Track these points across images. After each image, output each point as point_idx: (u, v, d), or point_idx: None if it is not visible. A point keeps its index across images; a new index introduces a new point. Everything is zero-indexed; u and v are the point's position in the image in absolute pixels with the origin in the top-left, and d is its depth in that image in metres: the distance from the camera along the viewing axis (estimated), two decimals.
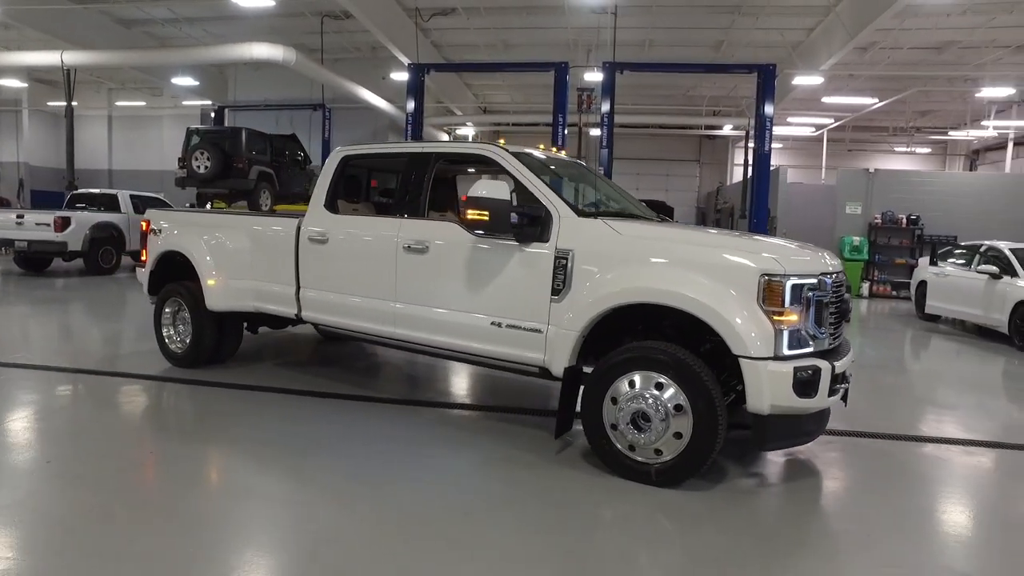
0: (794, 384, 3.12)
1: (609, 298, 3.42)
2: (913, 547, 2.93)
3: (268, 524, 2.92)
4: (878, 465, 3.95)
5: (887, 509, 3.31)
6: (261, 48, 13.07)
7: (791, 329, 3.18)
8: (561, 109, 13.43)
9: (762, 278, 3.16)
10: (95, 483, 3.24)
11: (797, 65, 15.22)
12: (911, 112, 21.42)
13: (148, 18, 15.80)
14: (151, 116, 24.27)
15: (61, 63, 14.90)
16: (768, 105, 12.69)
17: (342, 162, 4.88)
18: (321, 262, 4.76)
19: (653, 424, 3.28)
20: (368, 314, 4.49)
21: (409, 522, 2.93)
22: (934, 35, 14.85)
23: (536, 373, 3.82)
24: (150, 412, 4.59)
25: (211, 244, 5.39)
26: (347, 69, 17.74)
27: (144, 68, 17.16)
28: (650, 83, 19.85)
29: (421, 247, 4.17)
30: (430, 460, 3.66)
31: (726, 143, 26.19)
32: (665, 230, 3.74)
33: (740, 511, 3.19)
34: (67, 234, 12.63)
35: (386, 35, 14.28)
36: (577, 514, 3.10)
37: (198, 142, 12.88)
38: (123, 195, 14.32)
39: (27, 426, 4.07)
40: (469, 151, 4.32)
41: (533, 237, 3.72)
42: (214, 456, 3.72)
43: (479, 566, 2.60)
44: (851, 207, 15.14)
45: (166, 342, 5.69)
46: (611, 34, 14.22)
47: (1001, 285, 8.74)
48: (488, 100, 24.92)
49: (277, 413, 4.44)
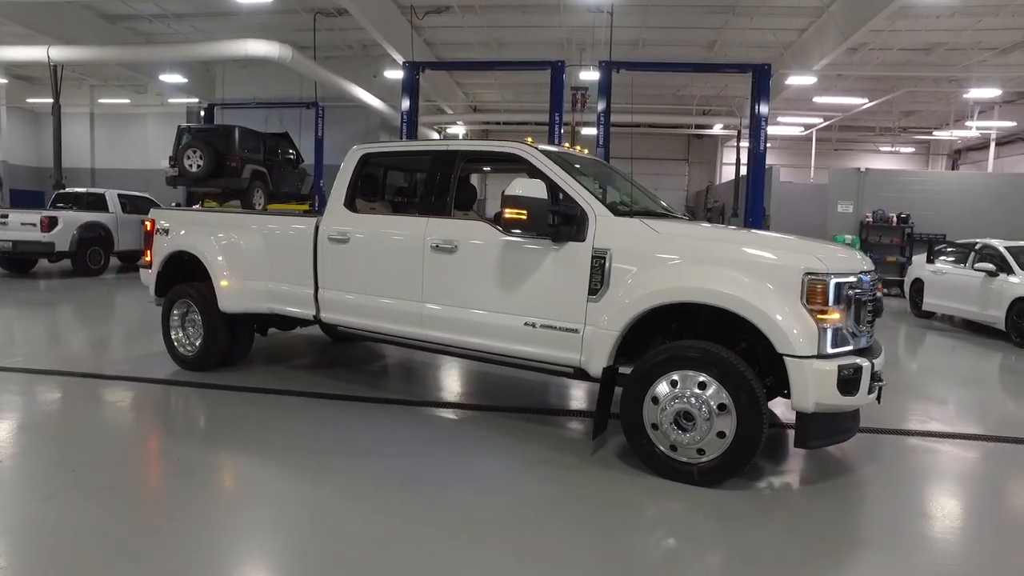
0: (838, 382, 3.12)
1: (651, 297, 3.39)
2: (967, 545, 2.94)
3: (320, 531, 2.85)
4: (907, 462, 3.98)
5: (925, 507, 3.32)
6: (257, 45, 12.87)
7: (834, 327, 3.18)
8: (557, 108, 13.42)
9: (806, 277, 3.16)
10: (126, 492, 3.14)
11: (789, 65, 15.36)
12: (897, 112, 21.74)
13: (134, 13, 15.49)
14: (135, 114, 23.83)
15: (48, 59, 14.54)
16: (763, 104, 12.80)
17: (361, 160, 4.81)
18: (342, 262, 4.68)
19: (697, 424, 3.27)
20: (392, 315, 4.42)
21: (461, 525, 2.88)
22: (923, 36, 15.08)
23: (570, 374, 3.78)
24: (171, 418, 4.48)
25: (223, 244, 5.28)
26: (337, 67, 17.56)
27: (133, 65, 16.85)
28: (640, 82, 19.84)
29: (450, 246, 4.11)
30: (470, 463, 3.61)
31: (715, 142, 26.40)
32: (703, 229, 3.73)
33: (783, 509, 3.19)
34: (54, 234, 12.32)
35: (381, 33, 14.15)
36: (622, 514, 3.07)
37: (190, 140, 12.66)
38: (111, 194, 14.02)
39: (45, 433, 3.94)
40: (498, 150, 4.26)
41: (569, 236, 3.69)
42: (251, 463, 3.62)
43: (532, 567, 2.56)
44: (843, 206, 15.32)
45: (175, 345, 5.56)
46: (605, 33, 14.23)
47: (997, 282, 8.89)
48: (478, 99, 24.84)
49: (305, 417, 4.35)
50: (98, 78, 22.09)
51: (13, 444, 3.72)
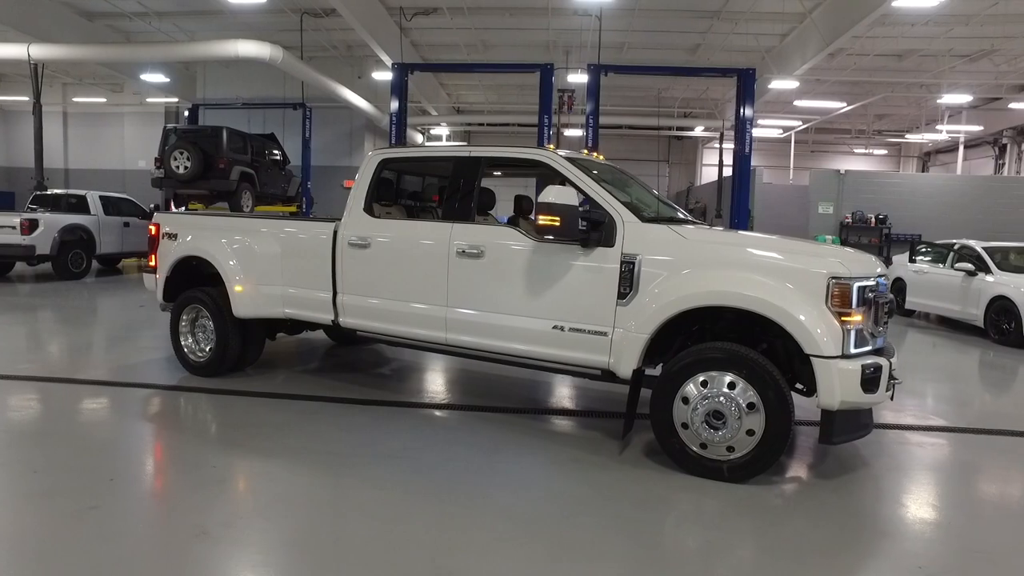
0: (862, 381, 3.28)
1: (681, 301, 3.51)
2: (987, 532, 3.11)
3: (369, 538, 2.90)
4: (920, 456, 4.17)
5: (948, 497, 3.50)
6: (247, 46, 12.72)
7: (856, 329, 3.33)
8: (546, 110, 13.57)
9: (831, 280, 3.30)
10: (170, 500, 3.16)
11: (771, 69, 15.71)
12: (871, 116, 22.36)
13: (115, 11, 15.18)
14: (111, 113, 23.31)
15: (28, 57, 14.17)
16: (748, 108, 13.11)
17: (380, 165, 4.85)
18: (362, 267, 4.71)
19: (728, 422, 3.39)
20: (416, 320, 4.47)
21: (501, 526, 2.96)
22: (898, 43, 15.56)
23: (598, 376, 3.88)
24: (191, 424, 4.46)
25: (236, 249, 5.26)
26: (322, 68, 17.41)
27: (116, 64, 16.50)
28: (623, 84, 20.16)
29: (476, 251, 4.18)
30: (502, 465, 3.68)
31: (695, 144, 26.81)
32: (728, 235, 3.86)
33: (813, 502, 3.33)
34: (35, 237, 12.03)
35: (369, 34, 14.11)
36: (656, 511, 3.18)
37: (176, 141, 12.47)
38: (92, 196, 13.72)
39: (73, 442, 3.91)
40: (522, 156, 4.34)
41: (597, 242, 3.78)
42: (289, 470, 3.63)
43: (572, 565, 2.65)
44: (823, 207, 15.74)
45: (184, 351, 5.52)
46: (590, 36, 14.42)
47: (976, 282, 9.25)
48: (462, 100, 24.87)
49: (331, 422, 4.37)
50: (72, 76, 21.56)
51: (38, 455, 3.69)
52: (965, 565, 2.78)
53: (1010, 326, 8.51)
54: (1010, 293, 8.56)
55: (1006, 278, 8.87)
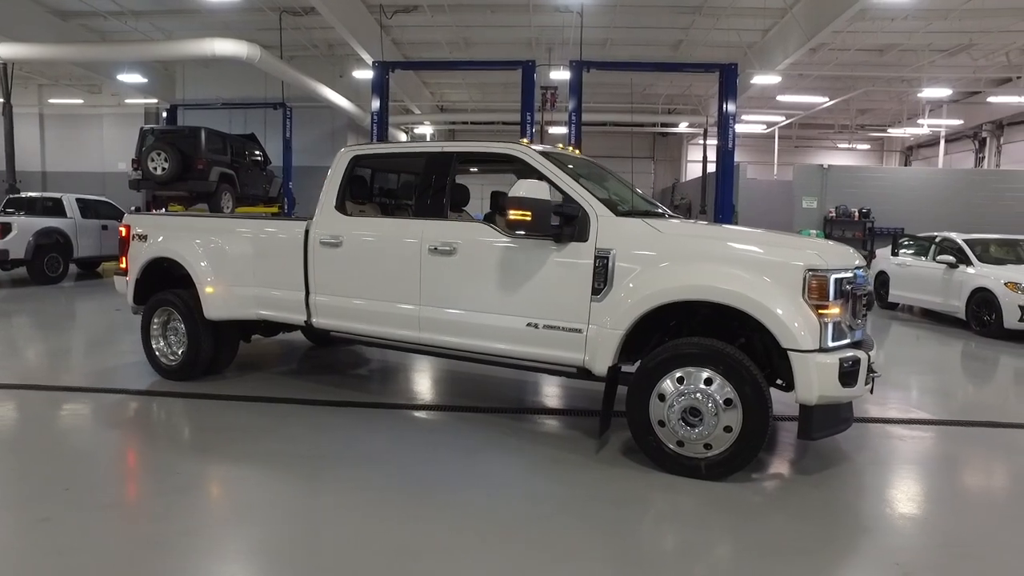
0: (840, 375, 3.22)
1: (656, 296, 3.44)
2: (968, 527, 3.07)
3: (337, 542, 2.80)
4: (894, 448, 4.13)
5: (926, 491, 3.46)
6: (224, 44, 12.51)
7: (834, 322, 3.28)
8: (528, 107, 13.47)
9: (808, 273, 3.24)
10: (122, 510, 3.04)
11: (753, 65, 15.73)
12: (854, 111, 22.49)
13: (89, 10, 14.90)
14: (89, 115, 22.94)
15: None
16: (730, 103, 13.09)
17: (352, 162, 4.74)
18: (334, 266, 4.61)
19: (704, 419, 3.33)
20: (389, 319, 4.38)
21: (477, 528, 2.88)
22: (878, 38, 15.63)
23: (573, 374, 3.81)
24: (161, 430, 4.34)
25: (207, 250, 5.14)
26: (303, 67, 17.22)
27: (90, 64, 16.21)
28: (607, 81, 20.09)
29: (448, 249, 4.09)
30: (479, 466, 3.60)
31: (680, 140, 26.86)
32: (703, 228, 3.80)
33: (792, 499, 3.27)
34: (8, 241, 11.78)
35: (350, 32, 13.95)
36: (634, 510, 3.12)
37: (154, 142, 12.26)
38: (68, 199, 13.46)
39: (29, 450, 3.78)
40: (495, 151, 4.25)
41: (570, 237, 3.71)
42: (259, 474, 3.53)
43: (550, 565, 2.58)
44: (807, 201, 15.79)
45: (156, 355, 5.38)
46: (573, 33, 14.36)
47: (958, 274, 9.28)
48: (445, 98, 24.73)
49: (306, 425, 4.26)
50: (47, 77, 21.19)
51: None
52: (943, 561, 2.73)
53: (991, 317, 8.54)
54: (990, 285, 8.59)
55: (986, 270, 8.91)
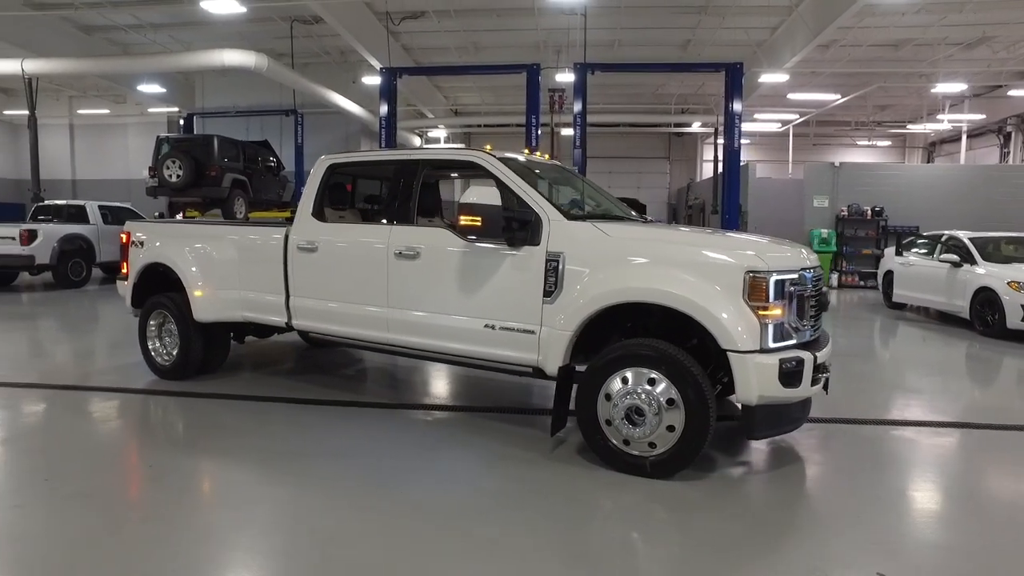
0: (780, 375, 3.27)
1: (600, 298, 3.54)
2: (896, 525, 3.10)
3: (284, 528, 2.97)
4: (857, 450, 4.15)
5: (870, 491, 3.49)
6: (233, 55, 12.90)
7: (775, 323, 3.33)
8: (533, 110, 13.57)
9: (747, 275, 3.31)
10: (97, 499, 3.25)
11: (762, 63, 15.61)
12: (871, 107, 22.10)
13: (111, 24, 15.47)
14: (115, 124, 23.74)
15: (22, 72, 14.50)
16: (736, 102, 13.01)
17: (328, 170, 4.92)
18: (311, 271, 4.80)
19: (647, 418, 3.41)
20: (360, 320, 4.55)
21: (423, 518, 3.01)
22: (891, 33, 15.37)
23: (530, 373, 3.92)
24: (148, 426, 4.57)
25: (196, 255, 5.38)
26: (317, 74, 17.62)
27: (110, 76, 16.81)
28: (619, 82, 20.14)
29: (412, 253, 4.24)
30: (436, 462, 3.73)
31: (695, 140, 26.68)
32: (651, 230, 3.88)
33: (734, 498, 3.34)
34: (34, 247, 12.34)
35: (357, 39, 14.24)
36: (578, 507, 3.21)
37: (169, 151, 12.69)
38: (91, 206, 14.04)
39: (20, 445, 4.03)
40: (456, 158, 4.40)
41: (524, 241, 3.83)
42: (224, 467, 3.74)
43: (489, 560, 2.70)
44: (818, 200, 15.59)
45: (152, 355, 5.65)
46: (580, 35, 14.40)
47: (962, 273, 9.13)
48: (459, 102, 24.96)
49: (281, 422, 4.47)
50: (77, 89, 22.00)
51: None
52: (864, 560, 2.77)
53: (994, 317, 8.39)
54: (994, 284, 8.44)
55: (990, 269, 8.75)
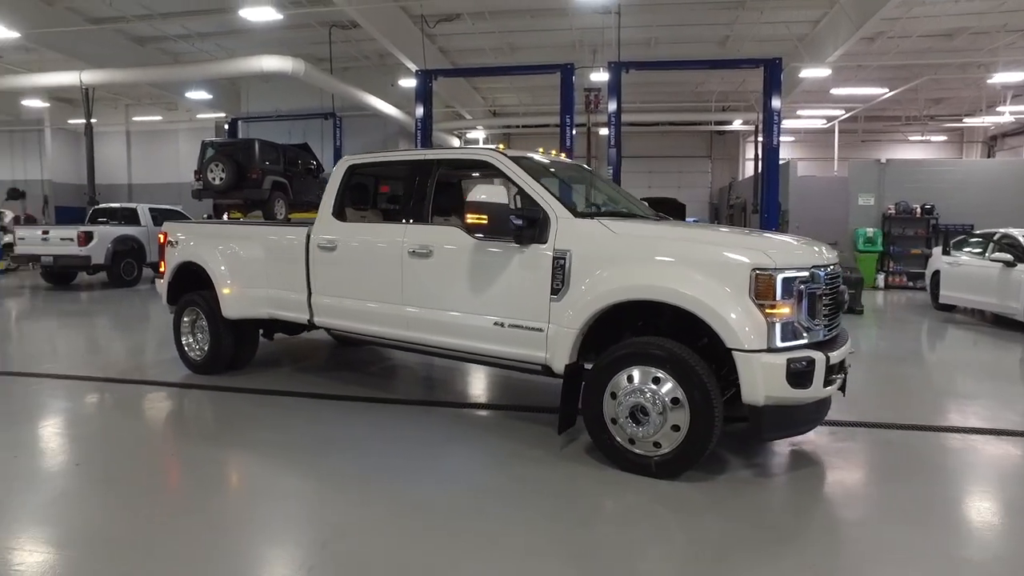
0: (788, 375, 3.18)
1: (605, 296, 3.52)
2: (913, 535, 2.98)
3: (292, 520, 3.05)
4: (882, 454, 4.00)
5: (889, 498, 3.36)
6: (271, 61, 13.31)
7: (784, 322, 3.25)
8: (568, 110, 13.51)
9: (753, 272, 3.23)
10: (121, 483, 3.41)
11: (804, 58, 15.15)
12: (924, 100, 21.15)
13: (162, 35, 16.16)
14: (167, 130, 24.76)
15: (80, 82, 15.30)
16: (775, 99, 12.67)
17: (348, 171, 5.04)
18: (330, 269, 4.91)
19: (651, 418, 3.37)
20: (377, 318, 4.63)
21: (424, 516, 3.05)
22: (943, 22, 14.70)
23: (539, 371, 3.92)
24: (175, 417, 4.77)
25: (225, 254, 5.58)
26: (356, 77, 17.98)
27: (159, 84, 17.55)
28: (657, 80, 19.87)
29: (425, 251, 4.30)
30: (444, 458, 3.78)
31: (737, 138, 26.09)
32: (659, 228, 3.83)
33: (740, 501, 3.26)
34: (90, 248, 13.03)
35: (393, 43, 14.47)
36: (581, 506, 3.20)
37: (213, 155, 13.16)
38: (142, 208, 14.74)
39: (57, 432, 4.27)
40: (469, 157, 4.44)
41: (532, 239, 3.83)
42: (240, 458, 3.87)
43: (488, 556, 2.71)
44: (863, 198, 15.05)
45: (185, 350, 5.88)
46: (615, 34, 14.28)
47: (1016, 272, 8.67)
48: (497, 103, 25.06)
49: (301, 416, 4.59)
50: (132, 97, 23.04)
51: (28, 441, 4.04)
52: (857, 568, 2.67)
53: None
54: None
55: None
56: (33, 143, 24.46)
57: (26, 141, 24.49)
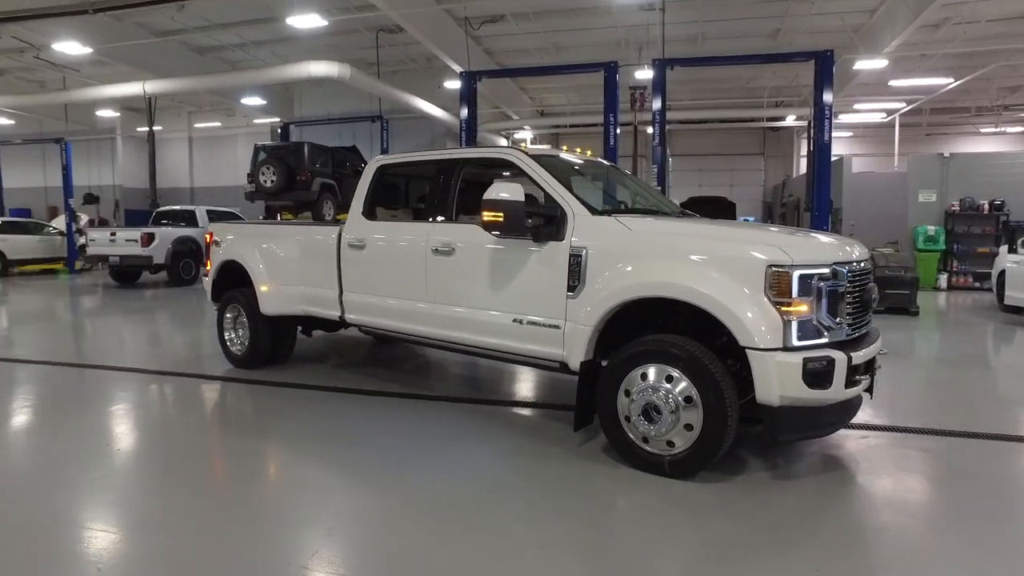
0: (804, 375, 3.09)
1: (620, 293, 3.49)
2: (927, 542, 2.85)
3: (282, 504, 3.17)
4: (912, 461, 3.82)
5: (912, 505, 3.22)
6: (318, 66, 13.75)
7: (800, 320, 3.15)
8: (612, 109, 13.37)
9: (769, 269, 3.15)
10: (146, 462, 3.61)
11: (859, 49, 14.54)
12: (996, 89, 19.93)
13: (219, 45, 16.91)
14: (226, 135, 25.89)
15: (143, 92, 16.19)
16: (827, 93, 12.17)
17: (378, 171, 5.16)
18: (359, 267, 5.05)
19: (663, 416, 3.33)
20: (403, 314, 4.74)
21: (433, 508, 3.11)
22: (1015, 4, 13.81)
23: (557, 368, 3.93)
24: (212, 408, 5.01)
25: (263, 253, 5.80)
26: (405, 80, 18.34)
27: (215, 91, 18.37)
28: (707, 76, 19.46)
29: (448, 249, 4.37)
30: (462, 453, 3.83)
31: (791, 134, 25.25)
32: (677, 225, 3.78)
33: (751, 502, 3.18)
34: (152, 248, 13.77)
35: (437, 45, 14.69)
36: (592, 504, 3.18)
37: (264, 158, 13.68)
38: (200, 210, 15.47)
39: (97, 418, 4.55)
40: (491, 156, 4.48)
41: (549, 236, 3.84)
42: (253, 446, 4.03)
43: (497, 549, 2.74)
44: (924, 195, 14.31)
45: (228, 345, 6.15)
46: (660, 31, 14.06)
47: None
48: (544, 103, 25.07)
49: (327, 410, 4.73)
50: (194, 105, 24.21)
51: (70, 425, 4.33)
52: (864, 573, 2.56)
53: None
54: None
55: None
56: (106, 150, 26.03)
57: (100, 149, 26.08)
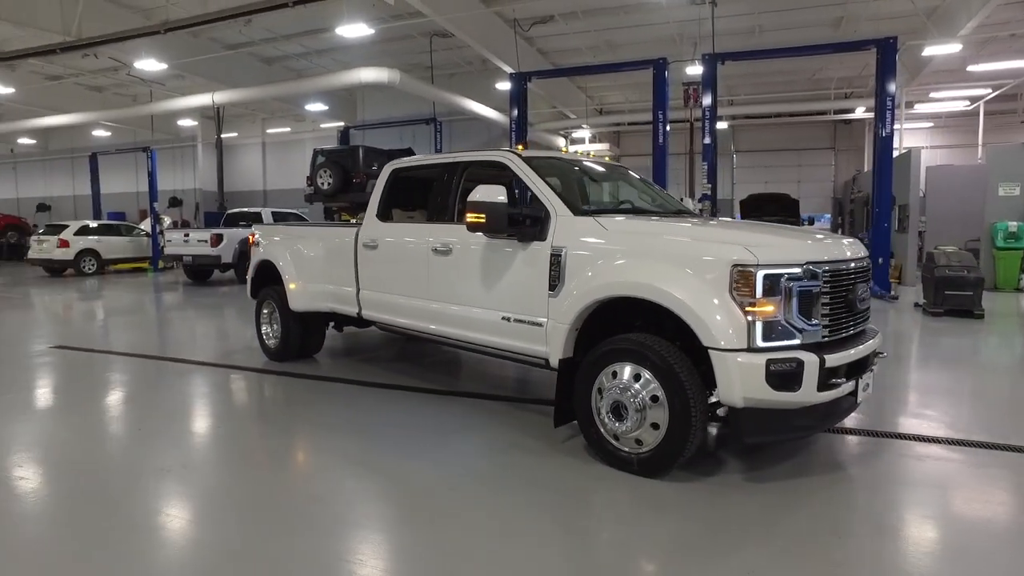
0: (768, 376, 3.05)
1: (593, 292, 3.56)
2: (876, 549, 2.77)
3: (281, 491, 3.43)
4: (906, 469, 3.67)
5: (875, 511, 3.12)
6: (369, 72, 14.32)
7: (766, 320, 3.11)
8: (661, 106, 13.19)
9: (733, 268, 3.13)
10: (167, 440, 3.99)
11: (933, 34, 13.67)
12: None
13: (284, 54, 17.87)
14: (296, 140, 27.23)
15: (212, 102, 17.33)
16: (890, 83, 11.59)
17: (392, 175, 5.41)
18: (373, 266, 5.32)
19: (629, 414, 3.37)
20: (409, 311, 4.96)
21: (410, 496, 3.28)
22: None
23: (543, 365, 4.03)
24: (243, 397, 5.41)
25: (293, 253, 6.19)
26: (460, 83, 18.76)
27: (278, 98, 19.40)
28: (769, 70, 18.82)
29: (446, 249, 4.55)
30: (447, 446, 3.99)
31: (863, 127, 23.93)
32: (651, 225, 3.79)
33: (714, 504, 3.15)
34: (220, 248, 14.74)
35: (487, 48, 14.94)
36: (562, 498, 3.26)
37: (322, 161, 14.39)
38: (266, 212, 16.38)
39: (131, 403, 5.02)
40: (487, 159, 4.62)
41: (534, 236, 3.95)
42: (262, 431, 4.36)
43: (464, 536, 2.88)
44: (1005, 188, 13.26)
45: (263, 339, 6.59)
46: (715, 24, 13.75)
47: None
48: (602, 101, 24.92)
49: (343, 402, 5.01)
50: (266, 112, 25.61)
51: (113, 409, 4.81)
52: None
53: None
54: None
55: None
56: (188, 157, 27.96)
57: (183, 155, 28.05)
